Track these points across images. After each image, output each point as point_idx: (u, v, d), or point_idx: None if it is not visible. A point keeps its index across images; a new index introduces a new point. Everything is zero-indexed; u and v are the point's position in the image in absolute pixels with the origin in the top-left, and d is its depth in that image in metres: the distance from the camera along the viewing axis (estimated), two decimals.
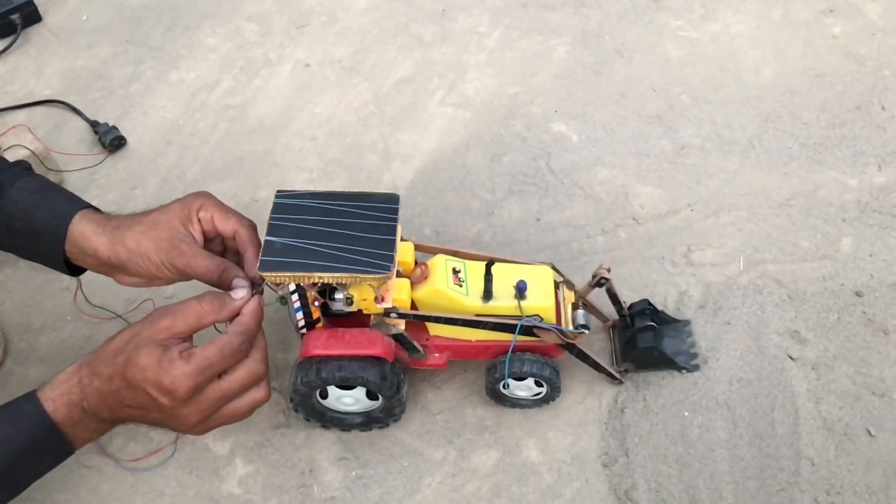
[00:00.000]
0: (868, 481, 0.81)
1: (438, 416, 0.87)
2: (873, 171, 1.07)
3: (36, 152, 1.01)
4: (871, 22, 1.26)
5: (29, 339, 0.93)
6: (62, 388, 0.64)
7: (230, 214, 0.73)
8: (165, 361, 0.62)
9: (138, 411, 0.65)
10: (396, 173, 1.09)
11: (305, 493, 0.82)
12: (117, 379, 0.63)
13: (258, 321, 0.68)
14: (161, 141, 1.13)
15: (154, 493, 0.82)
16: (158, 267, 0.70)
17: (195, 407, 0.64)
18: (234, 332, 0.65)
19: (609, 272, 0.81)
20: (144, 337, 0.63)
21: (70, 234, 0.72)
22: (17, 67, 1.22)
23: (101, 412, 0.64)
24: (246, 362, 0.66)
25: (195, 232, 0.72)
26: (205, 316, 0.65)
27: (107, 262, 0.72)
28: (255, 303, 0.68)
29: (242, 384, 0.66)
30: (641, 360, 0.87)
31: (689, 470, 0.82)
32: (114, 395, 0.64)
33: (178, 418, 0.64)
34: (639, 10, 1.29)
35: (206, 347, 0.64)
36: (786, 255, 0.99)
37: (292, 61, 1.23)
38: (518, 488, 0.82)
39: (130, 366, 0.62)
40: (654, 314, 0.88)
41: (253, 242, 0.73)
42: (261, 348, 0.68)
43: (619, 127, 1.13)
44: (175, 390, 0.62)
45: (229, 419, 0.67)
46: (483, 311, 0.78)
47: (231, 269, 0.70)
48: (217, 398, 0.65)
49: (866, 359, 0.90)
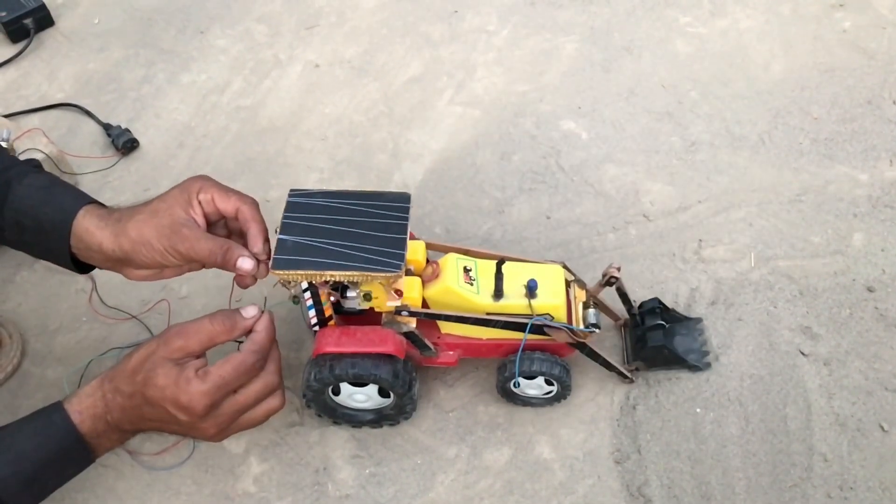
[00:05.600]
0: (881, 476, 0.81)
1: (451, 414, 0.87)
2: (884, 166, 1.06)
3: (50, 155, 1.02)
4: (881, 16, 1.26)
5: (45, 340, 0.94)
6: (88, 402, 0.66)
7: (230, 193, 0.73)
8: (182, 381, 0.63)
9: (159, 424, 0.67)
10: (406, 172, 1.09)
11: (320, 490, 0.82)
12: (138, 396, 0.65)
13: (271, 337, 0.69)
14: (173, 143, 1.14)
15: (170, 492, 0.83)
16: (162, 254, 0.70)
17: (213, 421, 0.66)
18: (248, 350, 0.67)
19: (619, 271, 0.81)
20: (159, 356, 0.65)
21: (75, 230, 0.72)
22: (31, 71, 1.23)
23: (123, 425, 0.67)
24: (261, 375, 0.68)
25: (196, 215, 0.71)
26: (217, 336, 0.67)
27: (112, 255, 0.71)
28: (267, 318, 0.69)
29: (258, 397, 0.68)
30: (652, 358, 0.87)
31: (701, 466, 0.82)
32: (135, 410, 0.66)
33: (197, 431, 0.67)
34: (647, 6, 1.29)
35: (221, 366, 0.65)
36: (797, 251, 0.98)
37: (302, 62, 1.24)
38: (531, 485, 0.82)
39: (149, 385, 0.64)
40: (665, 312, 0.88)
41: (256, 219, 0.72)
42: (275, 360, 0.69)
43: (629, 124, 1.13)
44: (192, 408, 0.64)
45: (245, 426, 0.69)
46: (494, 310, 0.78)
47: (234, 248, 0.70)
48: (233, 411, 0.67)
49: (879, 354, 0.89)
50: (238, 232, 0.74)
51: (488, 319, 0.78)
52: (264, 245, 0.72)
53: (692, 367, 0.88)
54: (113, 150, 1.12)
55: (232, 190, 0.73)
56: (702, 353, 0.88)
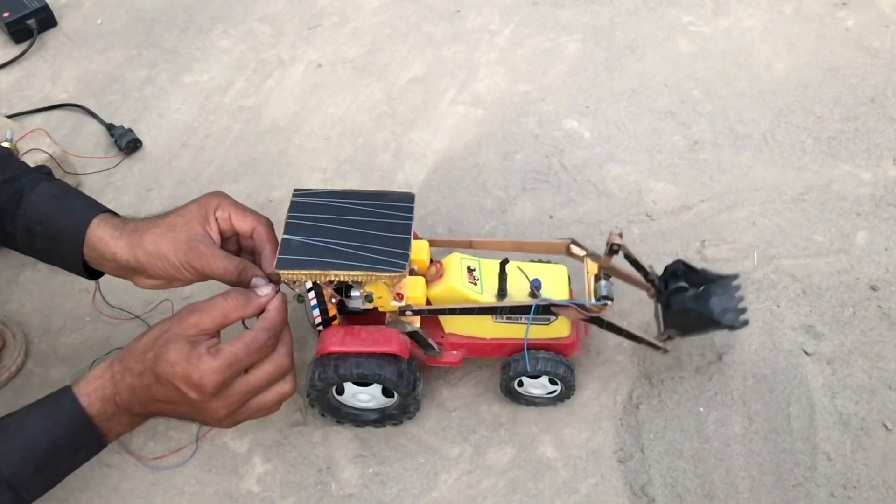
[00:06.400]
0: (885, 475, 0.81)
1: (454, 414, 0.87)
2: (888, 165, 1.06)
3: (54, 156, 1.02)
4: (884, 14, 1.25)
5: (49, 340, 0.94)
6: (96, 384, 0.66)
7: (247, 213, 0.74)
8: (194, 357, 0.63)
9: (168, 405, 0.66)
10: (409, 172, 1.09)
11: (323, 490, 0.83)
12: (148, 374, 0.65)
13: (283, 317, 0.69)
14: (176, 143, 1.14)
15: (174, 491, 0.83)
16: (178, 269, 0.72)
17: (223, 401, 0.65)
18: (260, 327, 0.67)
19: (621, 237, 0.77)
20: (174, 333, 0.65)
21: (88, 239, 0.73)
22: (34, 72, 1.24)
23: (132, 406, 0.66)
24: (272, 356, 0.67)
25: (213, 232, 0.73)
26: (231, 312, 0.67)
27: (125, 265, 0.73)
28: (280, 299, 0.69)
29: (269, 378, 0.67)
30: (681, 324, 0.81)
31: (704, 465, 0.83)
32: (145, 389, 0.65)
33: (207, 412, 0.66)
34: (650, 5, 1.29)
35: (233, 343, 0.65)
36: (800, 250, 0.98)
37: (304, 62, 1.24)
38: (534, 484, 0.82)
39: (160, 361, 0.64)
40: (692, 273, 0.81)
41: (270, 240, 0.74)
42: (286, 343, 0.69)
43: (632, 123, 1.13)
44: (203, 385, 0.63)
45: (257, 412, 0.69)
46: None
47: (249, 268, 0.71)
48: (244, 392, 0.66)
49: (882, 353, 0.89)
50: (249, 249, 0.76)
51: (492, 307, 0.77)
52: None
53: (728, 327, 0.80)
54: (116, 150, 1.12)
55: (248, 209, 0.75)
56: (738, 312, 0.81)
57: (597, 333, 0.91)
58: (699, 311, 0.79)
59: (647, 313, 0.87)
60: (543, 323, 0.79)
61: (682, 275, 0.80)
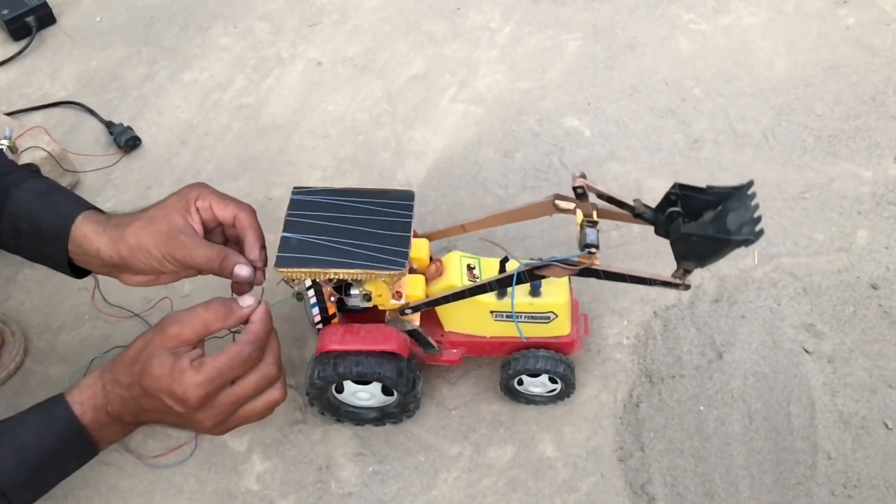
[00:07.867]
0: (885, 474, 0.81)
1: (454, 412, 0.87)
2: (888, 163, 1.06)
3: (53, 153, 1.02)
4: (885, 13, 1.25)
5: (48, 338, 0.94)
6: (89, 393, 0.66)
7: (228, 201, 0.73)
8: (177, 371, 0.63)
9: (158, 415, 0.66)
10: (409, 170, 1.09)
11: (323, 488, 0.82)
12: (135, 387, 0.65)
13: (268, 328, 0.68)
14: (175, 141, 1.14)
15: (173, 490, 0.83)
16: (160, 261, 0.70)
17: (209, 412, 0.65)
18: (244, 341, 0.66)
19: (584, 178, 0.71)
20: (155, 346, 0.64)
21: (73, 236, 0.72)
22: (33, 70, 1.23)
23: (123, 416, 0.66)
24: (259, 366, 0.66)
25: (194, 223, 0.72)
26: (211, 323, 0.66)
27: (109, 261, 0.72)
28: (264, 309, 0.68)
29: (256, 388, 0.67)
30: (688, 253, 0.70)
31: (704, 464, 0.82)
32: (134, 401, 0.65)
33: (194, 422, 0.66)
34: (650, 3, 1.29)
35: (217, 357, 0.64)
36: (801, 249, 0.98)
37: (304, 60, 1.24)
38: (534, 483, 0.82)
39: (145, 375, 0.64)
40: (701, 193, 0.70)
41: (253, 226, 0.72)
42: (273, 351, 0.68)
43: (632, 121, 1.13)
44: (187, 399, 0.63)
45: (246, 420, 0.68)
46: (497, 308, 0.78)
47: (231, 255, 0.70)
48: (230, 403, 0.66)
49: (882, 352, 0.89)
50: (235, 239, 0.74)
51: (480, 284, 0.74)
52: (261, 252, 0.72)
53: (742, 243, 0.67)
54: (115, 148, 1.12)
55: (229, 197, 0.73)
56: (754, 222, 0.68)
57: (597, 332, 0.92)
58: (699, 234, 0.68)
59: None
60: (543, 322, 0.79)
61: (677, 200, 0.70)
